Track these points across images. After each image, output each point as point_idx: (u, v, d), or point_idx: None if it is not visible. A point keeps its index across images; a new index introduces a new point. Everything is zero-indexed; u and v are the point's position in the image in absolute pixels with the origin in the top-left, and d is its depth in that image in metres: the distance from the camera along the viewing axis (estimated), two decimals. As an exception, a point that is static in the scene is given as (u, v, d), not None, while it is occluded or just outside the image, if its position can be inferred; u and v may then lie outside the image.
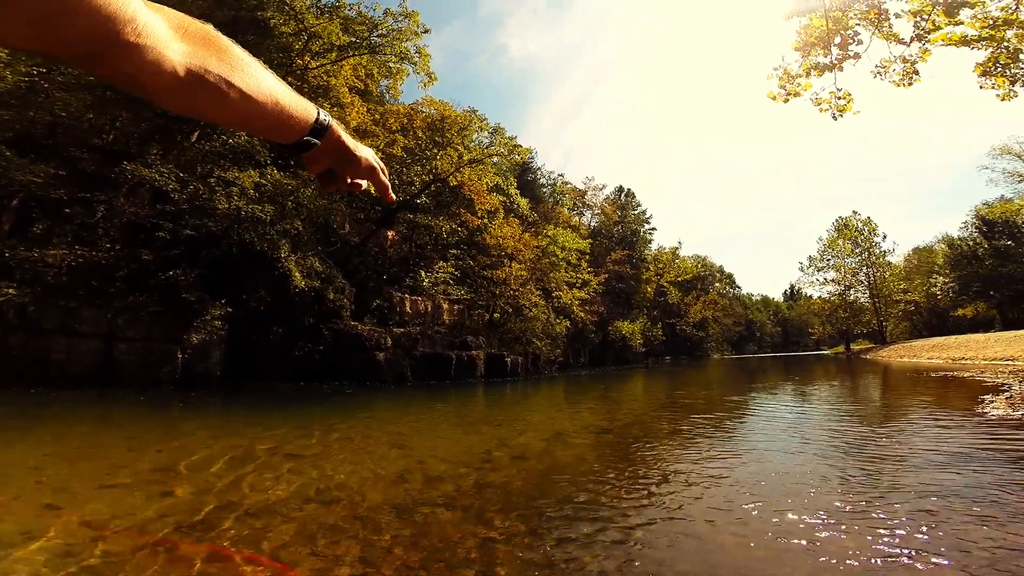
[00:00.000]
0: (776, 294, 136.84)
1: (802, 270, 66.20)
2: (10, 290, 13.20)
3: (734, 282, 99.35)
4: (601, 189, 61.80)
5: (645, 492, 4.83)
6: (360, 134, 21.37)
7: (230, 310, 16.55)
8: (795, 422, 9.12)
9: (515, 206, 33.99)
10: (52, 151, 14.00)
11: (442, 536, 3.67)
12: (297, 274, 17.77)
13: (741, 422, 9.63)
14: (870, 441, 6.93)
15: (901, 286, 59.96)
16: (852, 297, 62.43)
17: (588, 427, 9.37)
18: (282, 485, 5.03)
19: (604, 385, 21.99)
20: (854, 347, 62.05)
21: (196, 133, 18.33)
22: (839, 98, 8.25)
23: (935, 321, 60.76)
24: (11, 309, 13.15)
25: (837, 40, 7.88)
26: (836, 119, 8.35)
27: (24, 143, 13.09)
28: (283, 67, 19.00)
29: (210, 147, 18.00)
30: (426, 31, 21.12)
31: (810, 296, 74.91)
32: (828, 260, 63.05)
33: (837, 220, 62.96)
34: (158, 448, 6.86)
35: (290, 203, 18.12)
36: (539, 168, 55.25)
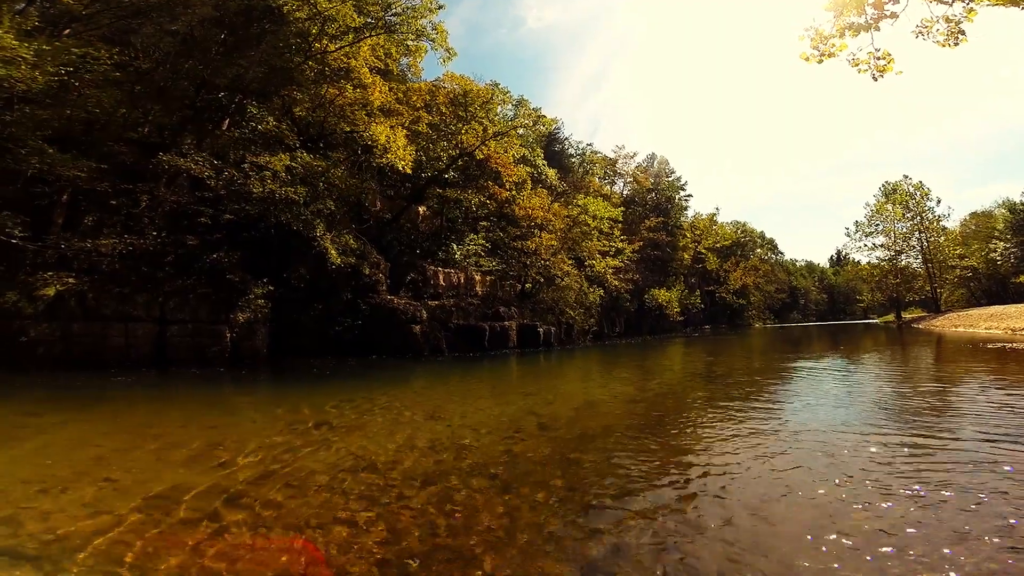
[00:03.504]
0: (822, 260, 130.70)
1: (848, 235, 63.03)
2: (70, 279, 14.07)
3: (776, 248, 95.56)
4: (632, 157, 59.84)
5: (674, 462, 4.83)
6: (384, 113, 21.44)
7: (272, 289, 17.17)
8: (839, 396, 8.85)
9: (543, 177, 33.55)
10: (91, 146, 14.64)
11: (469, 504, 3.79)
12: (333, 251, 18.21)
13: (782, 394, 9.42)
14: (916, 418, 6.65)
15: (957, 251, 56.42)
16: (903, 263, 59.25)
17: (619, 397, 9.37)
18: (321, 456, 5.28)
19: (638, 354, 21.85)
20: (905, 315, 59.19)
21: (226, 121, 18.78)
22: (878, 58, 7.72)
23: (995, 288, 56.89)
24: (72, 298, 14.04)
25: (871, 0, 7.32)
26: (876, 80, 7.86)
27: (64, 140, 13.74)
28: (302, 52, 19.20)
29: (240, 134, 18.42)
30: (440, 7, 21.01)
31: (858, 261, 71.24)
32: (877, 225, 59.78)
33: (885, 185, 59.51)
34: (211, 424, 7.28)
35: (321, 184, 18.46)
36: (566, 138, 54.00)
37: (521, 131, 29.97)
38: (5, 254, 12.99)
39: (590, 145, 56.88)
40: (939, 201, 56.95)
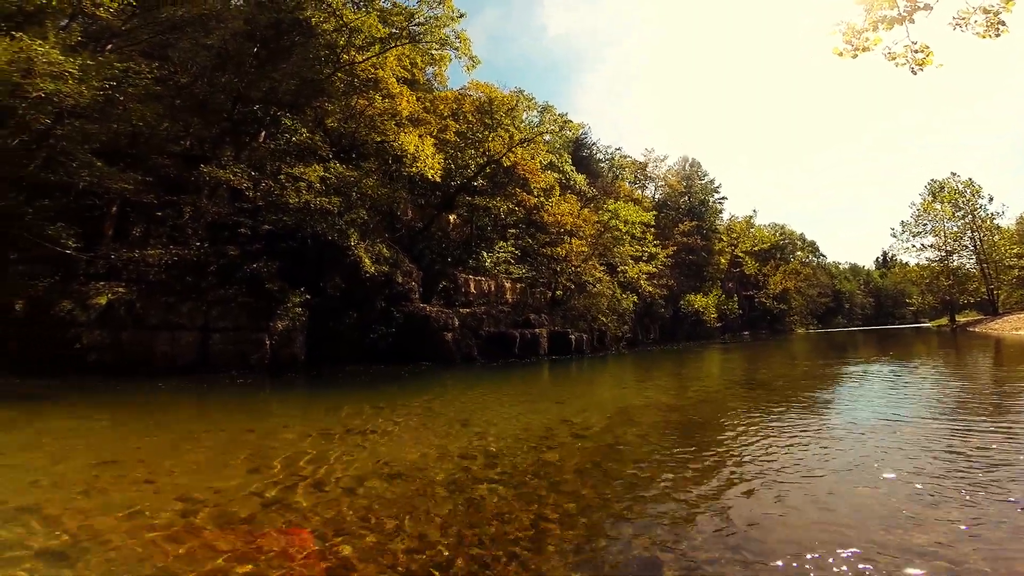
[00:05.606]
0: (867, 262, 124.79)
1: (895, 236, 60.07)
2: (120, 289, 14.75)
3: (818, 250, 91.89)
4: (663, 160, 58.77)
5: (713, 474, 4.60)
6: (412, 122, 21.81)
7: (308, 297, 17.56)
8: (889, 405, 8.36)
9: (571, 182, 33.30)
10: (137, 159, 15.38)
11: (497, 514, 3.68)
12: (367, 260, 18.51)
13: (827, 404, 8.97)
14: (974, 435, 6.14)
15: (1015, 250, 52.96)
16: (956, 263, 56.02)
17: (654, 405, 9.11)
18: (354, 462, 5.28)
19: (675, 361, 21.32)
20: (960, 318, 55.90)
21: (262, 133, 19.42)
22: (916, 51, 7.39)
23: (1057, 289, 53.12)
24: (121, 306, 14.70)
25: (903, -9, 7.01)
26: (915, 73, 7.51)
27: (112, 154, 14.44)
28: (331, 64, 19.77)
29: (275, 145, 19.02)
30: (461, 15, 21.41)
31: (906, 263, 67.76)
32: (925, 225, 56.82)
33: (931, 183, 56.57)
34: (248, 428, 7.43)
35: (354, 193, 18.82)
36: (594, 143, 53.33)
37: (547, 137, 29.93)
38: (60, 264, 13.70)
39: (619, 149, 56.18)
40: (991, 199, 53.71)
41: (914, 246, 58.33)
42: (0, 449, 5.86)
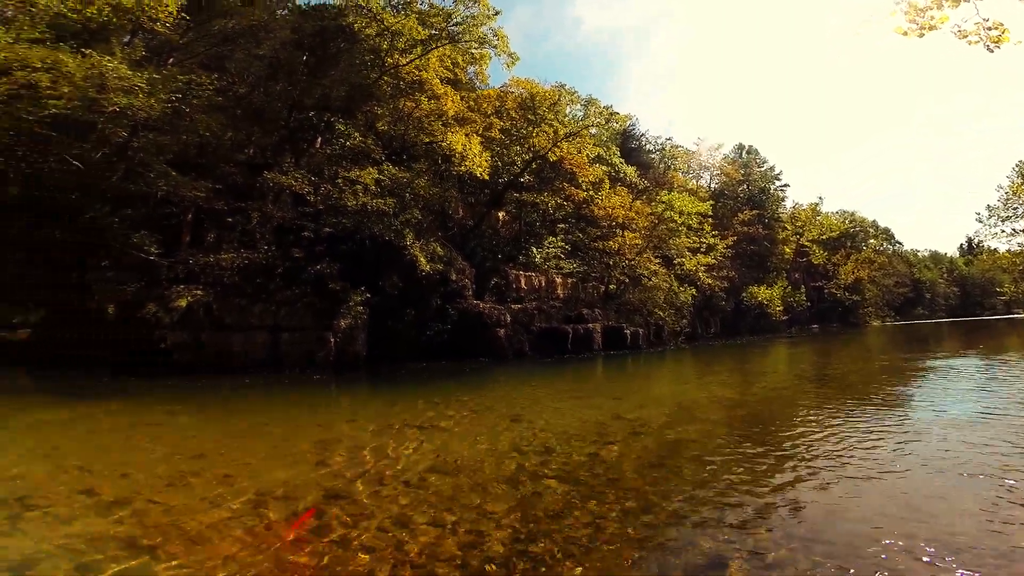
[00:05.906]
0: (949, 249, 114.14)
1: (981, 221, 54.88)
2: (198, 291, 15.84)
3: (892, 237, 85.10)
4: (718, 148, 56.13)
5: (781, 471, 4.35)
6: (458, 122, 22.22)
7: (368, 296, 18.19)
8: (977, 400, 7.65)
9: (621, 175, 32.57)
10: (205, 169, 16.43)
11: (551, 509, 3.64)
12: (422, 259, 18.94)
13: (907, 399, 8.31)
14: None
15: (1122, 234, 46.83)
16: (1054, 249, 50.34)
17: (717, 400, 8.76)
18: (412, 457, 5.40)
19: (737, 356, 20.45)
20: (1058, 308, 50.33)
21: (318, 139, 20.28)
22: (988, 28, 6.72)
23: None
24: (200, 308, 15.78)
25: (965, -32, 6.38)
26: (991, 51, 6.87)
27: (182, 164, 15.49)
28: (377, 68, 20.38)
29: (331, 150, 19.82)
30: (497, 12, 21.67)
31: (995, 250, 61.61)
32: (1016, 208, 51.55)
33: (1019, 164, 51.20)
34: (317, 423, 7.80)
35: (408, 194, 19.29)
36: (643, 135, 51.58)
37: (593, 130, 29.43)
38: (145, 270, 14.86)
39: (669, 139, 54.30)
40: (1091, 178, 47.74)
41: (1003, 231, 53.02)
42: (104, 444, 6.42)
